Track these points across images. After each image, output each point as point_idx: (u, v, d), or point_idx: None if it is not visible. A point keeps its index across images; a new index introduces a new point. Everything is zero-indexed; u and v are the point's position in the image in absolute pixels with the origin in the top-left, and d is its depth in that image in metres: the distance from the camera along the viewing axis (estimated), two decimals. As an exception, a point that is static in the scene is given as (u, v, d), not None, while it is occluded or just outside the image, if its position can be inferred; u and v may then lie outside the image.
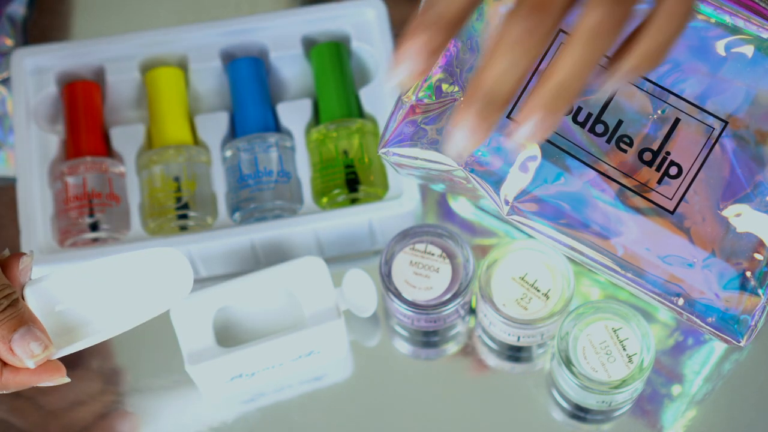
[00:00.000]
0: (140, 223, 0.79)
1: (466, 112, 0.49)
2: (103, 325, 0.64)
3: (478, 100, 0.49)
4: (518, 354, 0.78)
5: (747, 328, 0.64)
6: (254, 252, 0.79)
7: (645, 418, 0.77)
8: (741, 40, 0.65)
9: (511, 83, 0.49)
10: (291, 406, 0.78)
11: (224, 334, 0.75)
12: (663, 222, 0.64)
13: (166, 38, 0.83)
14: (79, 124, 0.81)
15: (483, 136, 0.50)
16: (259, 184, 0.79)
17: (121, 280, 0.65)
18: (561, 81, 0.49)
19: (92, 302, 0.64)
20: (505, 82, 0.49)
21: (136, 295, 0.65)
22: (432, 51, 0.49)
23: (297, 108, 0.82)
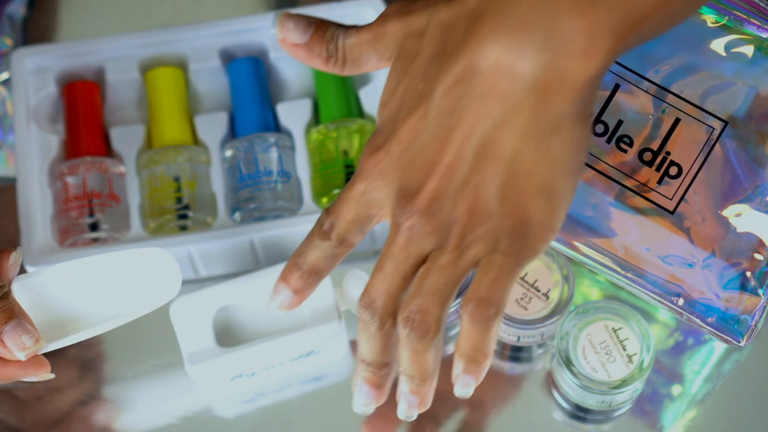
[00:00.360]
0: (140, 223, 0.79)
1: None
2: (90, 321, 0.64)
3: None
4: (518, 354, 0.78)
5: (747, 328, 0.64)
6: (254, 252, 0.79)
7: (645, 418, 0.77)
8: (741, 39, 0.65)
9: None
10: (291, 406, 0.78)
11: (224, 334, 0.75)
12: (663, 222, 0.64)
13: (166, 38, 0.83)
14: (79, 124, 0.81)
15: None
16: (258, 184, 0.79)
17: (109, 277, 0.65)
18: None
19: (80, 298, 0.64)
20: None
21: (124, 293, 0.65)
22: (301, 293, 0.63)
23: (297, 108, 0.81)
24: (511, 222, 0.56)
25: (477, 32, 0.54)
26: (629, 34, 0.52)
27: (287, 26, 0.61)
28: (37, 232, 0.78)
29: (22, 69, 0.82)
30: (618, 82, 0.65)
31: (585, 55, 0.52)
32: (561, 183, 0.55)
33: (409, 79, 0.58)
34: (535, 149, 0.54)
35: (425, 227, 0.57)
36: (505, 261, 0.56)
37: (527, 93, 0.53)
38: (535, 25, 0.52)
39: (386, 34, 0.59)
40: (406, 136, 0.57)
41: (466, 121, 0.55)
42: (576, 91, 0.53)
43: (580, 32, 0.52)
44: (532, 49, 0.52)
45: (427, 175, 0.57)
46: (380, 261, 0.59)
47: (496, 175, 0.55)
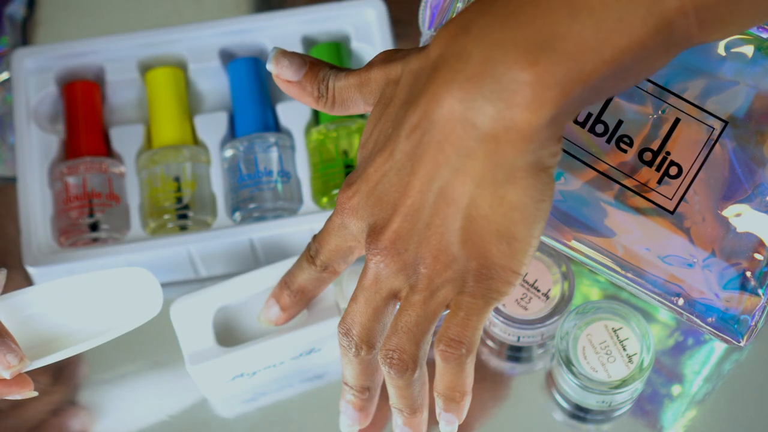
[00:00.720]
0: (140, 223, 0.79)
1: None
2: (74, 339, 0.65)
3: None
4: (518, 354, 0.78)
5: (747, 328, 0.64)
6: (254, 252, 0.79)
7: (645, 418, 0.77)
8: (741, 39, 0.65)
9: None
10: (291, 405, 0.78)
11: (224, 334, 0.75)
12: (663, 222, 0.64)
13: (165, 38, 0.83)
14: (79, 124, 0.81)
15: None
16: (258, 184, 0.79)
17: (92, 296, 0.67)
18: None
19: (63, 317, 0.66)
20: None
21: (107, 312, 0.66)
22: (288, 310, 0.70)
23: (297, 108, 0.81)
24: (475, 264, 0.58)
25: (433, 83, 0.56)
26: (575, 88, 0.53)
27: (282, 63, 0.64)
28: (37, 232, 0.78)
29: (22, 69, 0.82)
30: (618, 82, 0.65)
31: (530, 107, 0.53)
32: (521, 230, 0.57)
33: (383, 123, 0.60)
34: (490, 197, 0.56)
35: (391, 265, 0.60)
36: (473, 302, 0.59)
37: (479, 143, 0.55)
38: (484, 79, 0.54)
39: (370, 80, 0.62)
40: (374, 176, 0.60)
41: (426, 166, 0.57)
42: (525, 141, 0.54)
43: (526, 85, 0.53)
44: (481, 100, 0.54)
45: (392, 215, 0.59)
46: (355, 292, 0.62)
47: (455, 219, 0.57)
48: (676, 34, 0.54)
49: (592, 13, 0.53)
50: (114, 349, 0.80)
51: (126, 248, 0.78)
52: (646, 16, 0.53)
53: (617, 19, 0.53)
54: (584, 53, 0.53)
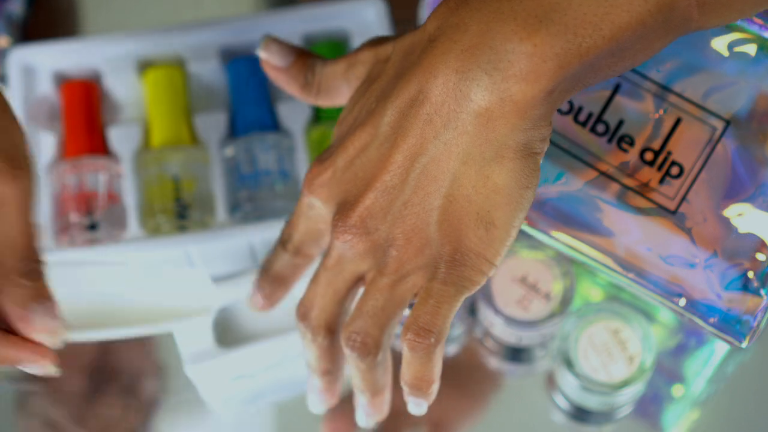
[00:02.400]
0: (139, 222, 0.79)
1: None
2: (116, 321, 0.65)
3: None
4: (519, 355, 0.78)
5: (749, 329, 0.63)
6: (253, 252, 0.79)
7: (646, 420, 0.77)
8: (743, 39, 0.64)
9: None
10: (291, 405, 0.78)
11: (224, 334, 0.75)
12: (664, 222, 0.64)
13: (164, 37, 0.83)
14: (76, 123, 0.81)
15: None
16: (258, 184, 0.79)
17: (145, 285, 0.66)
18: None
19: (112, 298, 0.65)
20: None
21: (156, 304, 0.66)
22: (270, 297, 0.66)
23: (296, 107, 0.81)
24: (449, 249, 0.57)
25: (429, 55, 0.55)
26: (573, 62, 0.53)
27: (271, 49, 0.64)
28: (35, 232, 0.78)
29: (19, 68, 0.82)
30: (619, 82, 0.65)
31: (526, 78, 0.53)
32: (501, 216, 0.56)
33: (366, 98, 0.59)
34: (475, 176, 0.55)
35: (358, 246, 0.58)
36: (443, 289, 0.57)
37: (470, 116, 0.54)
38: (481, 50, 0.53)
39: (358, 62, 0.62)
40: (352, 151, 0.58)
41: (411, 140, 0.56)
42: (519, 115, 0.54)
43: (523, 55, 0.53)
44: (477, 71, 0.53)
45: (365, 191, 0.57)
46: (316, 273, 0.61)
47: (436, 197, 0.56)
48: (676, 15, 0.53)
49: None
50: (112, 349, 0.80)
51: (124, 248, 0.78)
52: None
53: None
54: (584, 27, 0.52)
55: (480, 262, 0.57)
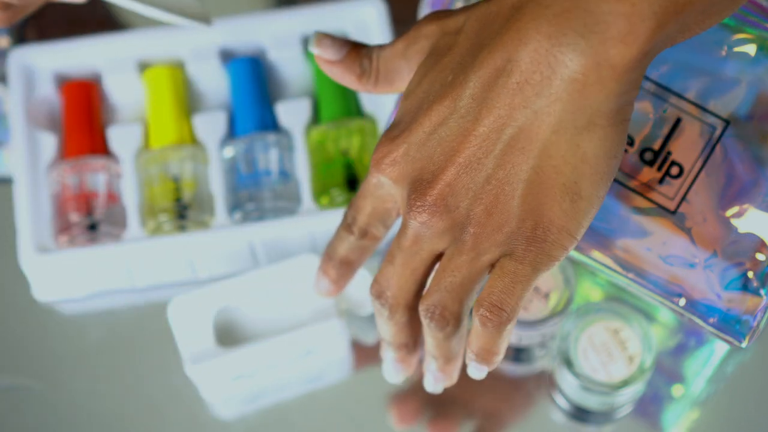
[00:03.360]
0: (139, 223, 0.79)
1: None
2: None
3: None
4: (519, 355, 0.78)
5: (749, 329, 0.63)
6: (253, 252, 0.79)
7: (646, 420, 0.77)
8: (743, 38, 0.64)
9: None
10: (291, 406, 0.78)
11: (224, 334, 0.75)
12: (664, 222, 0.64)
13: (164, 37, 0.83)
14: (76, 123, 0.81)
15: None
16: (258, 184, 0.79)
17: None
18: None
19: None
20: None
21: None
22: (338, 282, 0.66)
23: (296, 107, 0.81)
24: (531, 224, 0.55)
25: (516, 23, 0.53)
26: (669, 20, 0.51)
27: (324, 43, 0.61)
28: (35, 231, 0.78)
29: (20, 68, 0.82)
30: (619, 82, 0.64)
31: (624, 39, 0.51)
32: (587, 186, 0.54)
33: (438, 71, 0.57)
34: (565, 145, 0.53)
35: (437, 224, 0.56)
36: (519, 268, 0.56)
37: (565, 82, 0.52)
38: (575, 13, 0.51)
39: (420, 36, 0.59)
40: (428, 125, 0.56)
41: (498, 111, 0.54)
42: (615, 79, 0.52)
43: (620, 16, 0.51)
44: (572, 36, 0.51)
45: (444, 167, 0.55)
46: (391, 251, 0.59)
47: (522, 170, 0.54)
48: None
49: None
50: (112, 349, 0.80)
51: (124, 248, 0.78)
52: None
53: None
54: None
55: (562, 237, 0.55)
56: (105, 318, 0.80)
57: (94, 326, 0.80)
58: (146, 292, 0.80)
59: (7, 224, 0.81)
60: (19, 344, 0.80)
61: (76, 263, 0.78)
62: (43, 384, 0.79)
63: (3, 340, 0.80)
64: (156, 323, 0.78)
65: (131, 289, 0.80)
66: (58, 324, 0.81)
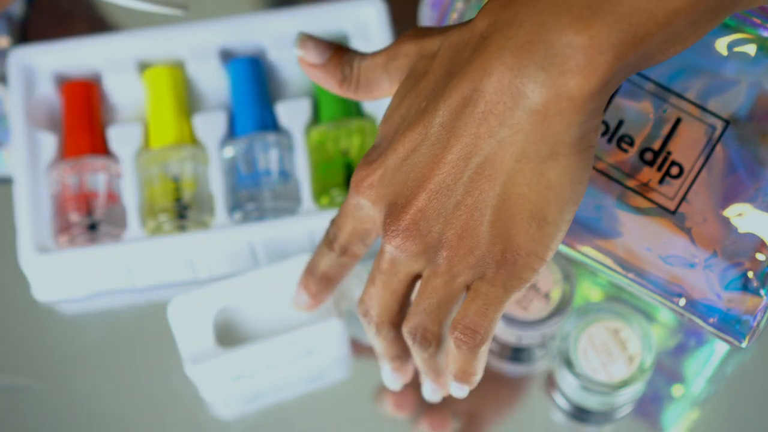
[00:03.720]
0: (139, 223, 0.79)
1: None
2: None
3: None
4: (519, 355, 0.78)
5: (749, 329, 0.63)
6: (253, 252, 0.79)
7: (646, 420, 0.77)
8: (743, 39, 0.64)
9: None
10: (291, 406, 0.78)
11: (224, 334, 0.74)
12: (664, 222, 0.64)
13: (164, 37, 0.83)
14: (76, 123, 0.81)
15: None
16: (258, 184, 0.79)
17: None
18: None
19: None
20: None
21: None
22: (317, 296, 0.69)
23: (296, 107, 0.81)
24: (500, 248, 0.57)
25: (482, 53, 0.54)
26: (628, 52, 0.52)
27: (307, 46, 0.63)
28: (34, 231, 0.78)
29: (20, 68, 0.82)
30: (619, 82, 0.64)
31: (583, 71, 0.52)
32: (553, 212, 0.56)
33: (414, 96, 0.58)
34: (529, 173, 0.55)
35: (411, 248, 0.58)
36: (491, 291, 0.57)
37: (527, 113, 0.54)
38: (537, 45, 0.53)
39: (399, 54, 0.60)
40: (402, 151, 0.58)
41: (465, 139, 0.55)
42: (575, 111, 0.53)
43: (579, 49, 0.52)
44: (533, 68, 0.53)
45: (416, 192, 0.57)
46: (372, 272, 0.61)
47: (490, 197, 0.56)
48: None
49: None
50: (112, 349, 0.80)
51: (124, 248, 0.78)
52: None
53: None
54: (638, 15, 0.52)
55: (531, 260, 0.57)
56: (105, 318, 0.80)
57: (94, 326, 0.80)
58: (146, 292, 0.80)
59: (7, 224, 0.81)
60: (19, 344, 0.80)
61: (76, 263, 0.78)
62: (43, 384, 0.79)
63: (3, 340, 0.80)
64: (156, 323, 0.78)
65: (131, 289, 0.80)
66: (58, 324, 0.81)
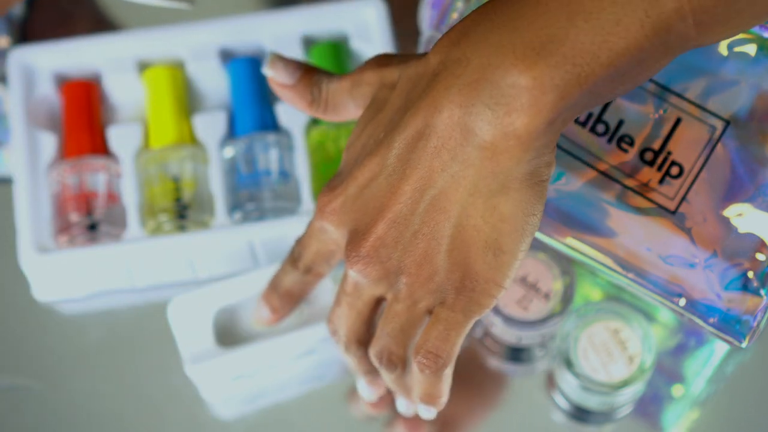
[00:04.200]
0: (139, 222, 0.79)
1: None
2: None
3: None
4: (519, 355, 0.78)
5: (749, 329, 0.63)
6: (253, 252, 0.79)
7: (646, 420, 0.77)
8: (743, 39, 0.64)
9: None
10: (291, 406, 0.78)
11: (224, 334, 0.74)
12: (664, 222, 0.64)
13: (164, 37, 0.83)
14: (76, 123, 0.81)
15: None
16: (257, 184, 0.79)
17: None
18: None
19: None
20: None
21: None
22: (278, 312, 0.70)
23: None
24: (458, 275, 0.58)
25: (432, 90, 0.56)
26: (574, 92, 0.53)
27: (277, 66, 0.64)
28: (34, 231, 0.78)
29: (20, 68, 0.82)
30: (619, 82, 0.64)
31: (528, 111, 0.53)
32: (509, 242, 0.57)
33: (373, 127, 0.60)
34: (482, 206, 0.56)
35: (372, 273, 0.60)
36: (451, 316, 0.59)
37: (476, 149, 0.55)
38: (483, 84, 0.54)
39: (363, 82, 0.62)
40: (362, 180, 0.59)
41: (420, 172, 0.57)
42: (522, 148, 0.54)
43: (524, 89, 0.53)
44: (480, 106, 0.54)
45: (376, 221, 0.59)
46: (338, 295, 0.63)
47: (445, 227, 0.57)
48: (673, 36, 0.53)
49: (589, 16, 0.52)
50: (112, 349, 0.80)
51: (124, 248, 0.78)
52: (643, 18, 0.52)
53: (614, 22, 0.52)
54: (582, 56, 0.53)
55: (489, 287, 0.58)
56: (105, 318, 0.80)
57: (94, 326, 0.80)
58: (146, 292, 0.80)
59: (7, 224, 0.81)
60: (19, 344, 0.80)
61: (76, 263, 0.78)
62: (43, 384, 0.79)
63: (3, 340, 0.80)
64: (156, 323, 0.78)
65: (131, 289, 0.80)
66: (58, 324, 0.81)
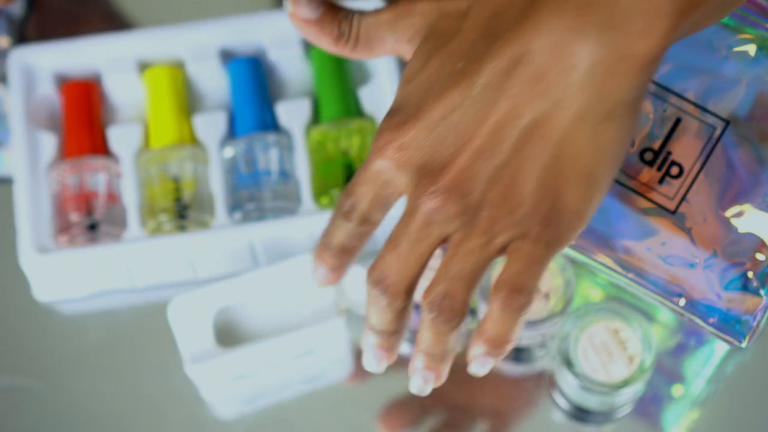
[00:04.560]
0: (139, 222, 0.79)
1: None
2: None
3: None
4: (519, 355, 0.78)
5: (749, 329, 0.63)
6: (253, 252, 0.79)
7: (646, 420, 0.77)
8: (743, 38, 0.64)
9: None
10: (291, 406, 0.78)
11: (224, 334, 0.74)
12: (664, 222, 0.64)
13: (164, 37, 0.83)
14: (76, 123, 0.81)
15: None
16: (257, 184, 0.79)
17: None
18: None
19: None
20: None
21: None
22: (337, 270, 0.61)
23: (296, 107, 0.81)
24: (546, 207, 0.55)
25: (535, 13, 0.53)
26: (688, 15, 0.52)
27: (299, 1, 0.60)
28: (34, 231, 0.78)
29: (20, 68, 0.82)
30: (619, 82, 0.64)
31: (646, 34, 0.51)
32: (603, 172, 0.55)
33: (444, 56, 0.56)
34: (587, 133, 0.54)
35: (450, 209, 0.55)
36: (535, 249, 0.55)
37: (587, 74, 0.53)
38: (597, 7, 0.52)
39: (413, 13, 0.58)
40: (437, 113, 0.55)
41: (514, 99, 0.54)
42: (636, 72, 0.52)
43: (641, 12, 0.51)
44: (594, 29, 0.52)
45: (458, 152, 0.55)
46: (395, 237, 0.57)
47: (541, 156, 0.54)
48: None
49: None
50: (112, 349, 0.80)
51: (124, 248, 0.78)
52: None
53: None
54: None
55: (574, 220, 0.55)
56: (105, 318, 0.80)
57: (94, 326, 0.80)
58: (146, 292, 0.80)
59: (7, 224, 0.81)
60: (19, 344, 0.80)
61: (76, 263, 0.78)
62: (43, 384, 0.79)
63: (3, 340, 0.80)
64: (156, 323, 0.78)
65: (131, 289, 0.80)
66: (58, 324, 0.81)
